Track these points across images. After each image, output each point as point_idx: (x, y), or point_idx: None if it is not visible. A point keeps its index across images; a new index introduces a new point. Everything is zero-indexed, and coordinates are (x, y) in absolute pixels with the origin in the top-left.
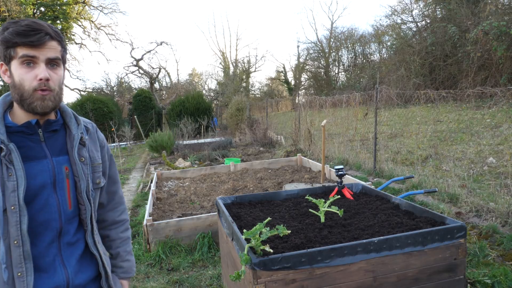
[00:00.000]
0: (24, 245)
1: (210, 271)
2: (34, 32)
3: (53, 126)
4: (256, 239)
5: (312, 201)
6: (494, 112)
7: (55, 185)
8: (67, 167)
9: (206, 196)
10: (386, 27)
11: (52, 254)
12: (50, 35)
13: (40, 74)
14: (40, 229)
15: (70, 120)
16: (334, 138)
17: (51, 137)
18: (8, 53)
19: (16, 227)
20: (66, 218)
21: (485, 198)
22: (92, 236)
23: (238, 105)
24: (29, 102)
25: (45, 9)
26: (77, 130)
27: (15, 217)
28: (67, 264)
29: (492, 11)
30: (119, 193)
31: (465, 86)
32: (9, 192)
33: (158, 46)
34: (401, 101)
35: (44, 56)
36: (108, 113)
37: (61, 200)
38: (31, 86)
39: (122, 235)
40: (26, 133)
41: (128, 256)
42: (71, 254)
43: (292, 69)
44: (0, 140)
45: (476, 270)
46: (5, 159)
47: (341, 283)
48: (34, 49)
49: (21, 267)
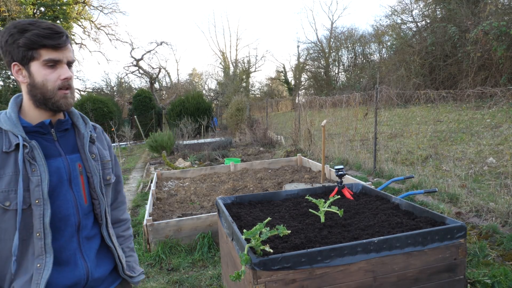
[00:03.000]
0: (46, 238)
1: (210, 271)
2: (58, 35)
3: (64, 126)
4: (256, 239)
5: (312, 201)
6: (494, 112)
7: (70, 181)
8: (80, 164)
9: (206, 196)
10: (386, 27)
11: (72, 248)
12: (68, 38)
13: (64, 74)
14: (60, 224)
15: (77, 120)
16: (334, 138)
17: (63, 136)
18: (30, 55)
19: (39, 220)
20: (83, 213)
21: (485, 198)
22: (107, 229)
23: (238, 105)
24: (54, 101)
25: (45, 9)
26: (86, 129)
27: (39, 210)
28: (87, 258)
29: (492, 11)
30: (122, 193)
31: (465, 86)
32: (33, 187)
33: (158, 46)
34: (401, 101)
35: (66, 59)
36: (108, 113)
37: (77, 196)
38: (55, 85)
39: (125, 233)
40: (41, 132)
41: (130, 252)
42: (89, 248)
43: (292, 69)
44: (22, 138)
45: (476, 270)
46: (28, 155)
47: (341, 283)
48: (59, 51)
49: (42, 259)
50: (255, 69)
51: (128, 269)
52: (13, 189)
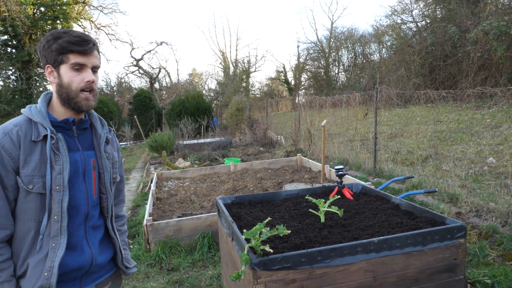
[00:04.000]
0: (62, 221)
1: (210, 271)
2: (86, 42)
3: (84, 125)
4: (256, 239)
5: (312, 201)
6: (494, 112)
7: (85, 174)
8: (94, 160)
9: (206, 196)
10: (386, 27)
11: (80, 235)
12: (95, 45)
13: (87, 77)
14: (72, 212)
15: (96, 121)
16: (334, 138)
17: (82, 134)
18: (60, 58)
19: (58, 204)
20: (92, 204)
21: (485, 198)
22: (111, 222)
23: (238, 105)
24: (76, 101)
25: (45, 9)
26: (103, 130)
27: (58, 195)
28: (92, 245)
29: (492, 11)
30: (123, 192)
31: (465, 86)
32: (55, 174)
33: (158, 46)
34: (401, 101)
35: (91, 64)
36: (108, 113)
37: (89, 188)
38: (78, 87)
39: (121, 228)
40: (64, 128)
41: (125, 246)
42: (94, 236)
43: (292, 69)
44: (50, 130)
45: (476, 270)
46: (54, 146)
47: (341, 283)
48: (85, 56)
49: (57, 239)
50: (255, 69)
51: (127, 260)
52: (37, 174)
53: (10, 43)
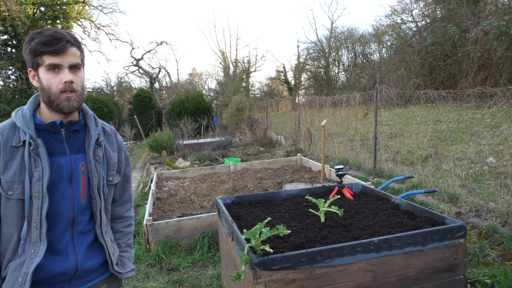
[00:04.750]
0: (42, 228)
1: (210, 271)
2: (57, 41)
3: (75, 127)
4: (256, 239)
5: (312, 201)
6: (494, 112)
7: (71, 179)
8: (83, 164)
9: (206, 196)
10: (386, 27)
11: (65, 241)
12: (70, 42)
13: (64, 78)
14: (55, 218)
15: (90, 121)
16: (334, 138)
17: (72, 136)
18: (36, 61)
19: (37, 211)
20: (79, 210)
21: (485, 198)
22: (100, 227)
23: (238, 105)
24: (57, 103)
25: (45, 9)
26: (95, 131)
27: (38, 202)
28: (78, 251)
29: (492, 11)
30: (129, 192)
31: (465, 86)
32: (35, 181)
33: (158, 46)
34: (401, 101)
35: (67, 63)
36: (108, 113)
37: (75, 194)
38: (58, 89)
39: (125, 229)
40: (51, 131)
41: (127, 248)
42: (82, 241)
43: (292, 69)
44: (29, 136)
45: (476, 270)
46: (33, 152)
47: (341, 283)
48: (58, 56)
49: (36, 246)
50: (255, 69)
51: (120, 265)
52: (17, 180)
53: (10, 43)
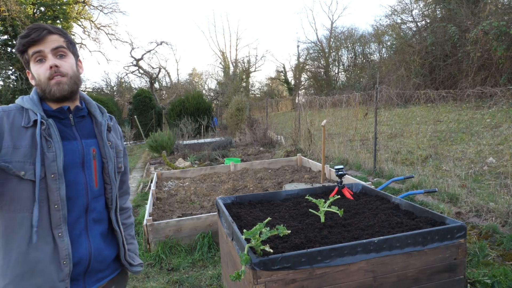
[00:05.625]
0: (62, 209)
1: (210, 271)
2: (34, 30)
3: (81, 112)
4: (256, 239)
5: (312, 201)
6: (494, 112)
7: (83, 164)
8: (94, 149)
9: (206, 196)
10: (386, 27)
11: (79, 228)
12: (48, 30)
13: (48, 63)
14: (69, 204)
15: (94, 110)
16: (334, 138)
17: (80, 122)
18: (25, 59)
19: (56, 193)
20: (92, 196)
21: (485, 198)
22: (115, 214)
23: (238, 105)
24: (48, 91)
25: (45, 9)
26: (103, 118)
27: (55, 184)
28: (92, 239)
29: (492, 11)
30: (127, 183)
31: (465, 86)
32: (49, 162)
33: (158, 46)
34: (401, 101)
35: (49, 47)
36: (108, 113)
37: (88, 179)
38: (45, 77)
39: (126, 221)
40: (59, 117)
41: (131, 239)
42: (96, 230)
43: (292, 69)
44: (40, 116)
45: (476, 270)
46: (45, 132)
47: (341, 283)
48: (37, 44)
49: (60, 228)
50: (255, 69)
51: (131, 257)
52: (29, 161)
53: (10, 43)
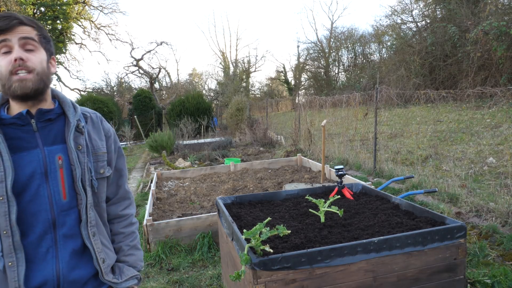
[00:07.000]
0: (14, 236)
1: (210, 271)
2: (3, 18)
3: (47, 116)
4: (256, 239)
5: (312, 201)
6: (494, 112)
7: (47, 175)
8: (60, 157)
9: (206, 196)
10: (386, 27)
11: (46, 246)
12: (20, 20)
13: (13, 55)
14: (31, 220)
15: (68, 109)
16: (334, 138)
17: (46, 127)
18: None
19: (5, 218)
20: (60, 209)
21: (485, 198)
22: (86, 228)
23: (238, 105)
24: (8, 87)
25: (45, 9)
26: (74, 117)
27: (3, 207)
28: (61, 257)
29: (492, 11)
30: (124, 187)
31: (465, 86)
32: None
33: (158, 46)
34: (401, 101)
35: (16, 37)
36: (108, 113)
37: (54, 191)
38: (7, 70)
39: (125, 230)
40: (18, 124)
41: (131, 250)
42: (67, 247)
43: (292, 69)
44: None
45: (476, 270)
46: None
47: (341, 283)
48: (6, 33)
49: (12, 257)
50: (255, 69)
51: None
52: None
53: None
